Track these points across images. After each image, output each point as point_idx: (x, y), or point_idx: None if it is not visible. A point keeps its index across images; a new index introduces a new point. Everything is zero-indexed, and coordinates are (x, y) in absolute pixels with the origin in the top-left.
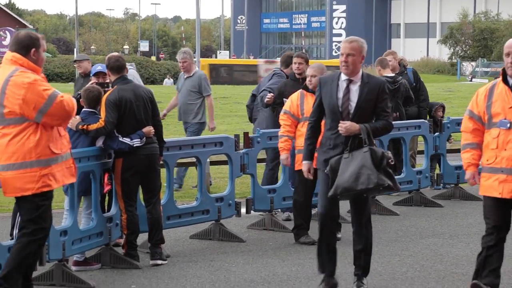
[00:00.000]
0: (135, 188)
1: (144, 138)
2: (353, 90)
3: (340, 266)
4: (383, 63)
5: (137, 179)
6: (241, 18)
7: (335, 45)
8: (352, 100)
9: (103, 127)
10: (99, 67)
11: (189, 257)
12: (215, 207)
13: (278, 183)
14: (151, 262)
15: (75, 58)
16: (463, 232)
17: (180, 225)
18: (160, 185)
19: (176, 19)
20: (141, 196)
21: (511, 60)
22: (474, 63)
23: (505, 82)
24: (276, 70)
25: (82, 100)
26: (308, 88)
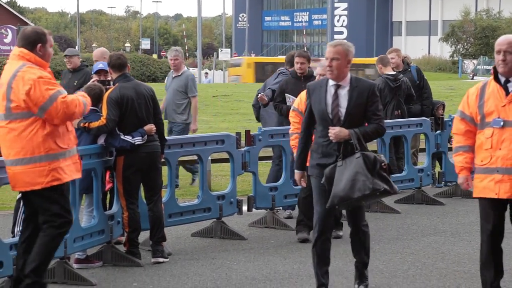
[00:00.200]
0: (137, 186)
1: (146, 136)
2: (341, 95)
3: (341, 264)
4: (384, 61)
5: (138, 177)
6: (242, 16)
7: None
8: (342, 106)
9: (105, 125)
10: (100, 65)
11: (190, 255)
12: (216, 205)
13: (280, 181)
14: (153, 260)
15: (66, 53)
16: (465, 230)
17: (181, 223)
18: (162, 183)
19: (178, 17)
20: (142, 194)
21: (502, 58)
22: (475, 61)
23: (496, 80)
24: (281, 69)
25: None
26: None
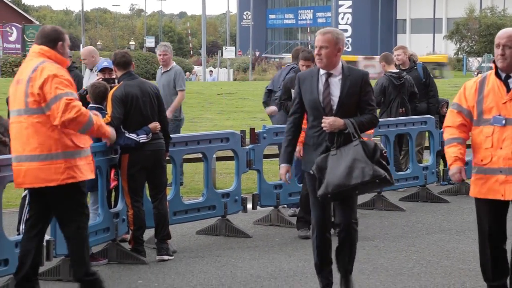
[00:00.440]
0: (141, 184)
1: (150, 134)
2: (333, 84)
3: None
4: (388, 59)
5: (143, 175)
6: (246, 14)
7: None
8: (334, 95)
9: (110, 123)
10: (105, 63)
11: (195, 252)
12: (221, 203)
13: None
14: (158, 257)
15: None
16: (470, 228)
17: (186, 220)
18: (167, 180)
19: (182, 15)
20: (147, 191)
21: (501, 52)
22: (480, 59)
23: (497, 75)
24: (291, 64)
25: (88, 96)
26: None
